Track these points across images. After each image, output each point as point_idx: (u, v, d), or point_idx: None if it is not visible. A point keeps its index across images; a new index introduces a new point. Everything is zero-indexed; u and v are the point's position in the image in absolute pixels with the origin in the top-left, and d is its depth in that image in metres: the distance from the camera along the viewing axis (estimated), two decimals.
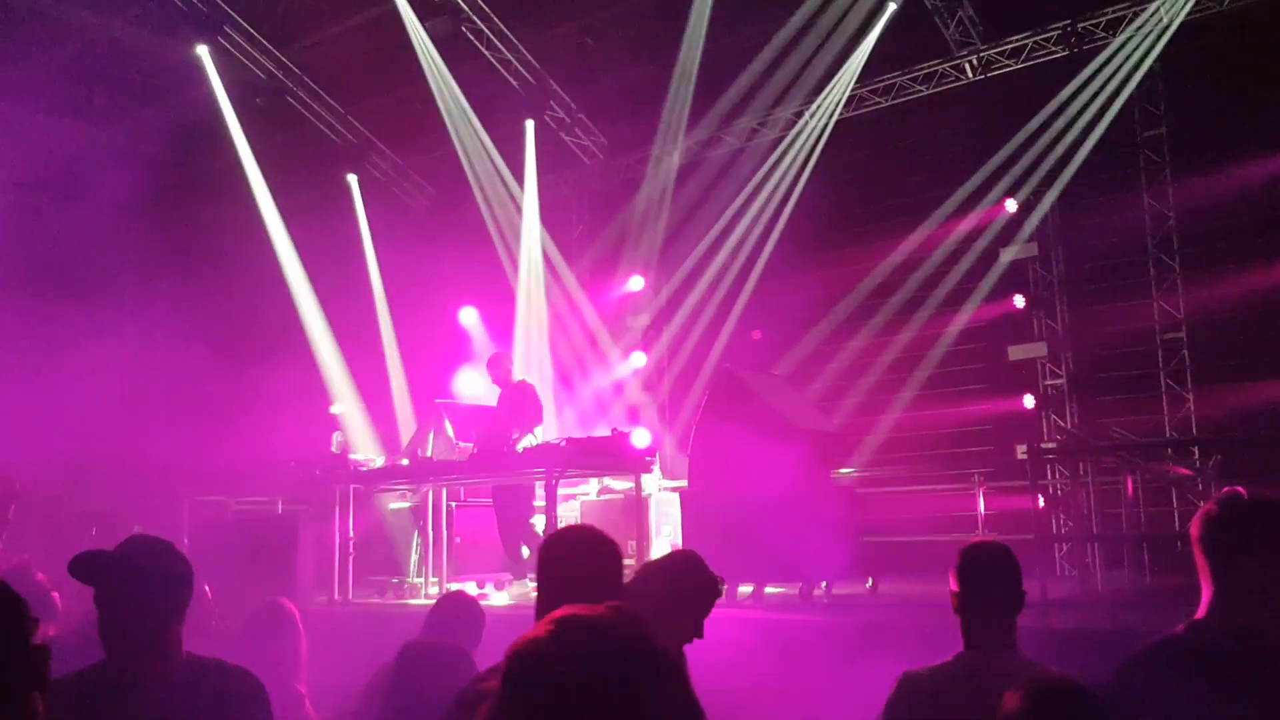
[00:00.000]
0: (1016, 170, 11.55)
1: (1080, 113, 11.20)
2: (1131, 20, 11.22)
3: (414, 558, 9.51)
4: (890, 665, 3.48)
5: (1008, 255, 11.89)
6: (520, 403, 9.07)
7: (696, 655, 3.12)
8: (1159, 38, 10.87)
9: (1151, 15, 10.97)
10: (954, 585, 3.11)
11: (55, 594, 4.64)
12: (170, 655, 2.68)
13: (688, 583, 3.21)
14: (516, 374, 9.33)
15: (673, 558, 3.45)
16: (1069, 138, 11.24)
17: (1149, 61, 10.93)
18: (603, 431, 8.91)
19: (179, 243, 13.80)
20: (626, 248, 14.39)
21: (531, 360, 13.83)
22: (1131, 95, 11.23)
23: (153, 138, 14.73)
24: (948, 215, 12.00)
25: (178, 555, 2.75)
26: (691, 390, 13.17)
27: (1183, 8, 10.72)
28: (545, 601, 2.76)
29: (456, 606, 4.45)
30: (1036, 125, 11.37)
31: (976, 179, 11.76)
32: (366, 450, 11.61)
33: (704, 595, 3.21)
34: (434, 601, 4.77)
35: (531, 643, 1.34)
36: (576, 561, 2.79)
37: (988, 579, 3.08)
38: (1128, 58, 11.06)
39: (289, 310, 14.06)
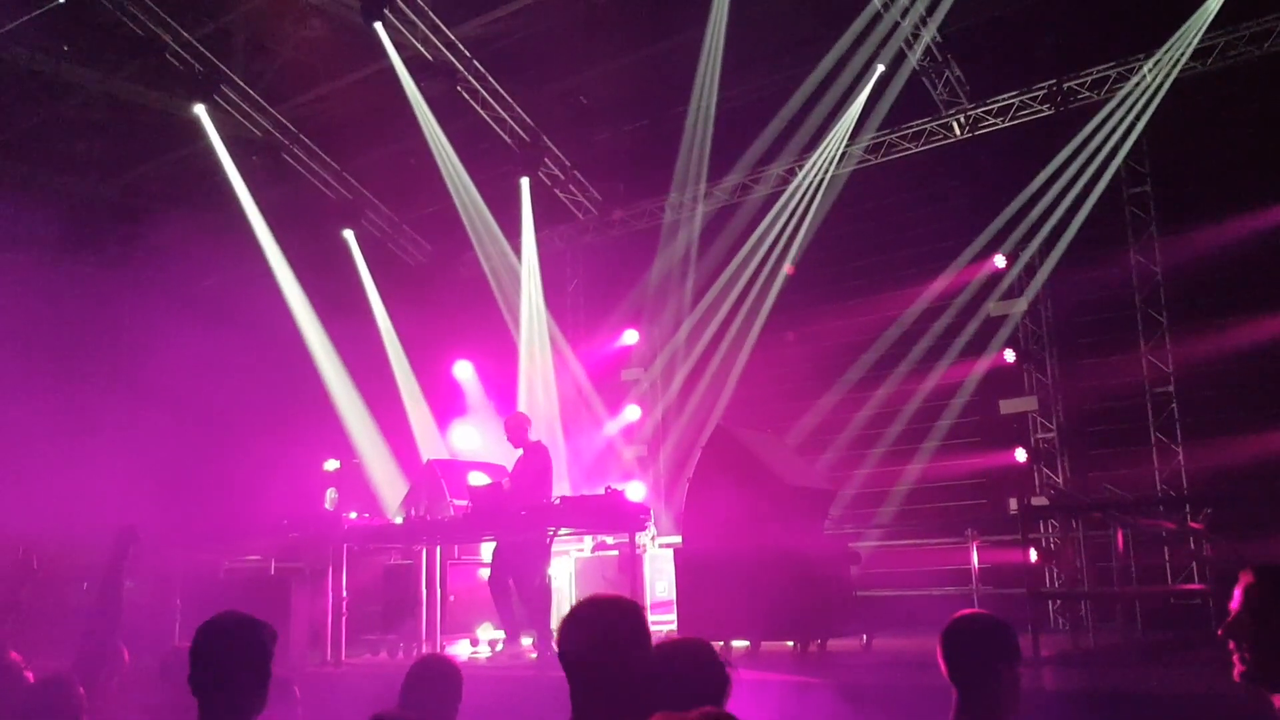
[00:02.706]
0: (1005, 226, 11.70)
1: (1068, 170, 11.36)
2: (1116, 81, 11.42)
3: None
4: None
5: (997, 310, 12.01)
6: (535, 466, 9.04)
7: None
8: (1149, 101, 11.04)
9: (1137, 84, 11.16)
10: (941, 664, 3.12)
11: (29, 674, 4.62)
12: None
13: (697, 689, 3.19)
14: (531, 434, 9.35)
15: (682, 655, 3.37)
16: (1056, 195, 11.38)
17: (1141, 124, 11.08)
18: (598, 490, 8.91)
19: (173, 297, 13.87)
20: (621, 302, 14.48)
21: (538, 416, 13.85)
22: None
23: (151, 192, 14.89)
24: (937, 271, 12.12)
25: (261, 633, 3.07)
26: (686, 445, 13.18)
27: (1171, 71, 10.90)
28: (575, 670, 2.70)
29: (432, 673, 4.39)
30: (1025, 182, 11.52)
31: (965, 235, 11.91)
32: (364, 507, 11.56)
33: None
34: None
35: None
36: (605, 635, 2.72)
37: (970, 658, 3.08)
38: (1118, 121, 11.22)
39: (289, 366, 14.07)
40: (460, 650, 9.26)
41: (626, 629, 2.73)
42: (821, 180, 12.94)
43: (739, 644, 8.04)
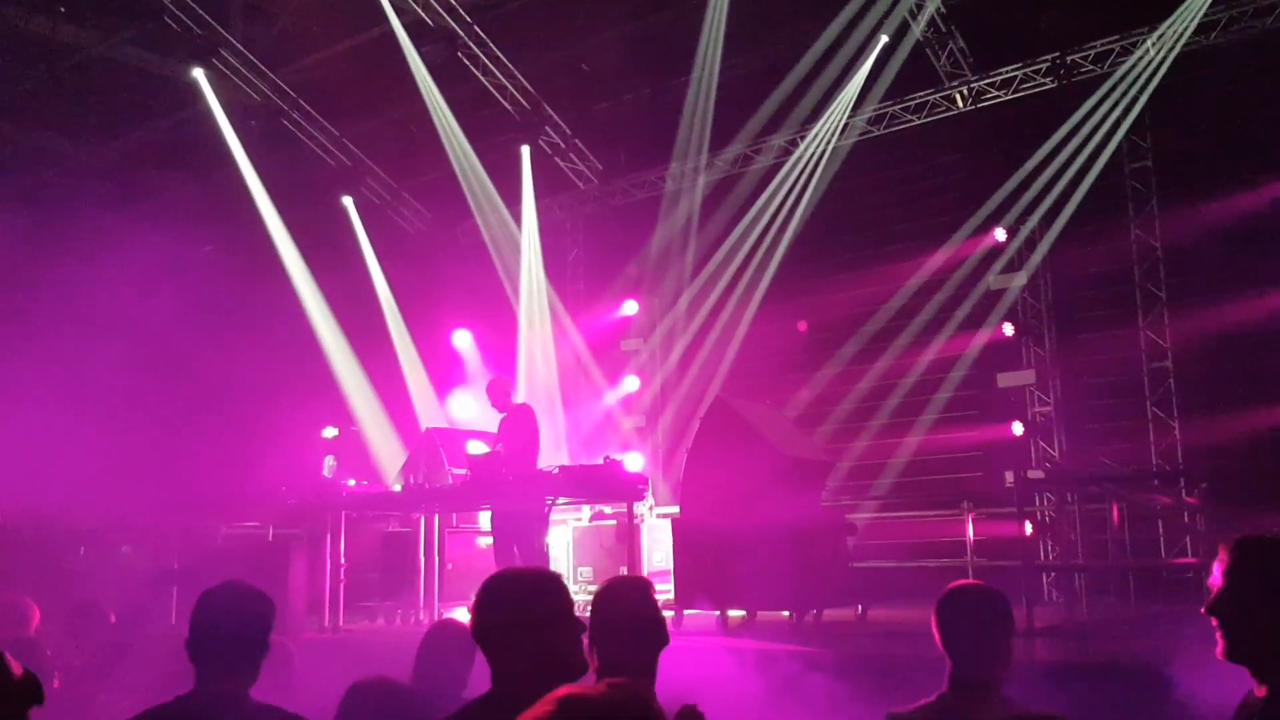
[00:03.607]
0: (1006, 200, 11.68)
1: (1069, 144, 11.32)
2: (1120, 54, 11.36)
3: None
4: (878, 699, 3.53)
5: (997, 284, 12.00)
6: (519, 427, 9.08)
7: (685, 686, 3.15)
8: (1152, 76, 10.98)
9: (1140, 58, 11.10)
10: (935, 632, 3.14)
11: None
12: (241, 699, 3.00)
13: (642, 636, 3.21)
14: (519, 397, 9.37)
15: (626, 600, 3.37)
16: (1058, 169, 11.35)
17: (1143, 99, 11.03)
18: (596, 460, 8.94)
19: (170, 264, 13.82)
20: (621, 272, 14.46)
21: (536, 385, 13.85)
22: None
23: (146, 158, 14.80)
24: (938, 244, 12.11)
25: (261, 603, 3.11)
26: (685, 416, 13.21)
27: (1174, 45, 10.84)
28: (490, 644, 2.71)
29: (448, 636, 4.42)
30: (1026, 156, 11.48)
31: (966, 208, 11.89)
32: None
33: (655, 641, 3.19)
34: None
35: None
36: (520, 600, 2.72)
37: (964, 627, 3.08)
38: (1120, 95, 11.17)
39: (288, 334, 14.06)
40: (457, 617, 9.32)
41: (544, 605, 2.71)
42: (823, 152, 12.89)
43: (735, 613, 8.09)
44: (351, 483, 9.66)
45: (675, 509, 9.61)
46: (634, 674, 2.87)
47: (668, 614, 3.60)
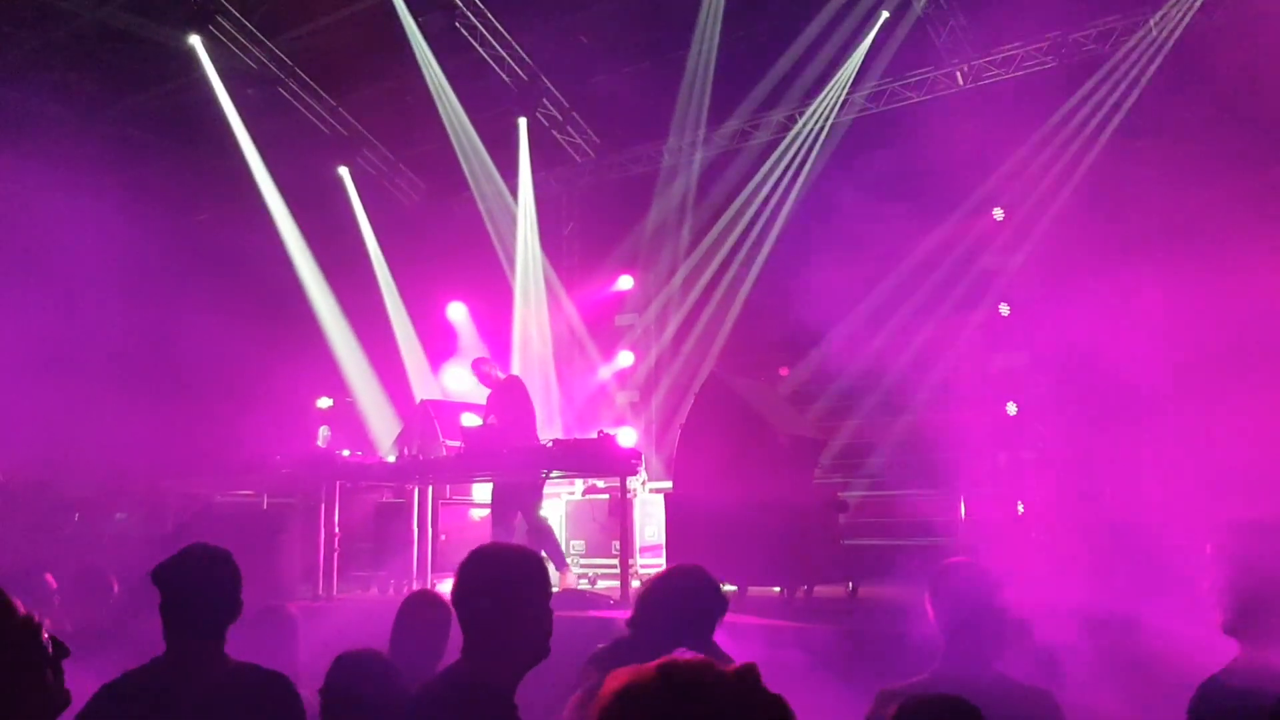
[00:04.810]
0: (1005, 179, 11.63)
1: (1070, 124, 11.28)
2: (1122, 34, 11.29)
3: None
4: (870, 675, 3.56)
5: (993, 264, 11.96)
6: (511, 399, 9.09)
7: None
8: (1155, 55, 10.93)
9: (1143, 37, 11.04)
10: (929, 609, 3.15)
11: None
12: (217, 658, 3.01)
13: (694, 604, 3.27)
14: (513, 369, 9.38)
15: (672, 579, 3.46)
16: (1057, 148, 11.31)
17: (1145, 79, 10.98)
18: (590, 434, 8.96)
19: (165, 232, 13.77)
20: (617, 246, 14.41)
21: (531, 359, 13.84)
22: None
23: (142, 124, 14.71)
24: (935, 223, 12.06)
25: (232, 564, 3.18)
26: (679, 391, 13.20)
27: (1177, 25, 10.78)
28: (466, 616, 2.73)
29: (423, 606, 4.45)
30: (1026, 135, 11.43)
31: (964, 187, 11.84)
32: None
33: (710, 615, 3.26)
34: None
35: (640, 685, 1.34)
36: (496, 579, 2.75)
37: (958, 605, 3.10)
38: (1122, 74, 11.12)
39: (283, 303, 14.02)
40: (440, 589, 9.35)
41: (519, 581, 2.73)
42: (822, 128, 12.84)
43: (727, 589, 8.09)
44: (346, 453, 9.66)
45: (668, 484, 9.62)
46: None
47: None
